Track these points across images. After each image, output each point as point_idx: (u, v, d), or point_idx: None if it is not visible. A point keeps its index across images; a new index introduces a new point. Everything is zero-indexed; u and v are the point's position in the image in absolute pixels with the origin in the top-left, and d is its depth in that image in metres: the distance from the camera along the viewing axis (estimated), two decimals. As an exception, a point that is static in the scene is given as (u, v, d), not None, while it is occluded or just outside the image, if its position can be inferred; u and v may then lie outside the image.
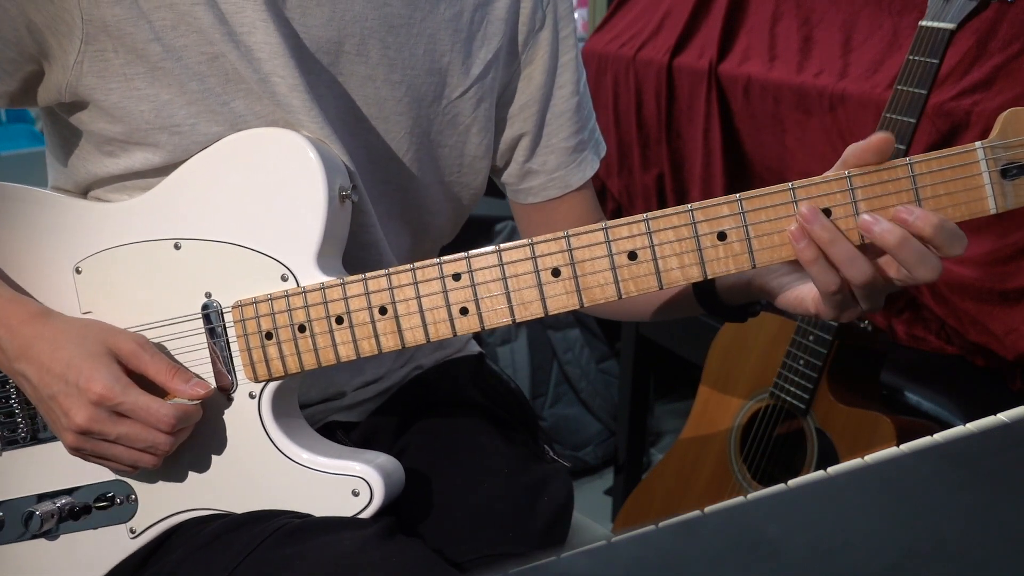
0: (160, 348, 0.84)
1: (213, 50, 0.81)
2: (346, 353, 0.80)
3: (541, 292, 0.77)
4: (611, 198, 2.24)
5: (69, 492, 0.87)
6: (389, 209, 0.96)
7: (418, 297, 0.78)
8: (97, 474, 0.87)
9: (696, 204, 0.75)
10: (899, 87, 1.23)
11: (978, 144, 0.72)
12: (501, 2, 0.97)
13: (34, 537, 0.87)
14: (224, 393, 0.83)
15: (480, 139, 0.99)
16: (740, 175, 1.85)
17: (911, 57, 1.22)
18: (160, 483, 0.86)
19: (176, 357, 0.84)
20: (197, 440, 0.84)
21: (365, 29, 0.87)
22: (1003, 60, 1.34)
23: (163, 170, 0.85)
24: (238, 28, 0.81)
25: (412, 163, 0.95)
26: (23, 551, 0.88)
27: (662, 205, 2.06)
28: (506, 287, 0.77)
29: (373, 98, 0.90)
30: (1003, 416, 0.48)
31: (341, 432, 0.99)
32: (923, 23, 1.22)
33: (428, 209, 1.00)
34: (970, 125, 1.35)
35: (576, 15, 3.31)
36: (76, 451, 0.80)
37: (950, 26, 1.19)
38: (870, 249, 0.74)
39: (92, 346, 0.79)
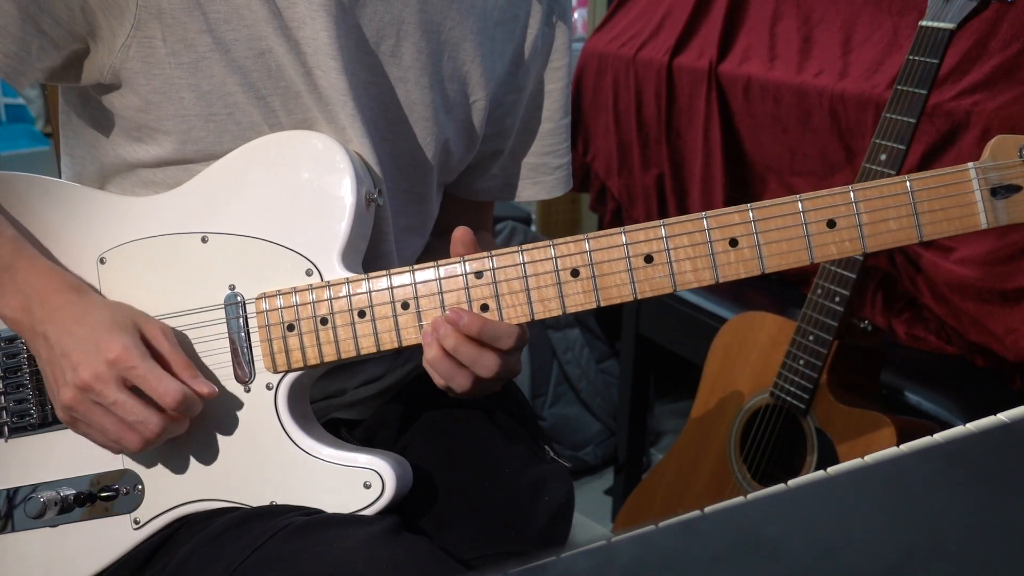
0: (185, 347, 0.85)
1: (261, 45, 0.83)
2: (366, 346, 0.83)
3: (560, 291, 0.80)
4: (611, 198, 2.24)
5: (74, 481, 0.88)
6: (410, 221, 0.97)
7: (440, 293, 0.81)
8: (103, 463, 0.87)
9: (709, 212, 0.78)
10: (899, 87, 1.23)
11: (970, 165, 0.77)
12: (518, 23, 0.99)
13: (38, 526, 0.88)
14: (242, 384, 0.84)
15: (476, 147, 1.01)
16: (740, 175, 1.85)
17: (911, 57, 1.22)
18: (169, 473, 0.86)
19: (197, 347, 0.86)
20: (210, 430, 0.85)
21: (402, 31, 0.89)
22: (1003, 60, 1.34)
23: (192, 159, 0.87)
24: (290, 22, 0.83)
25: (433, 171, 0.96)
26: (27, 540, 0.89)
27: (662, 205, 2.06)
28: (527, 285, 0.80)
29: (404, 101, 0.92)
30: (1003, 416, 0.48)
31: (344, 429, 1.00)
32: (923, 23, 1.22)
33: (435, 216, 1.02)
34: (970, 125, 1.35)
35: (576, 15, 3.32)
36: (68, 410, 0.80)
37: (950, 26, 1.19)
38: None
39: (120, 318, 0.81)
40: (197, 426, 0.84)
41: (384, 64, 0.89)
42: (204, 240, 0.86)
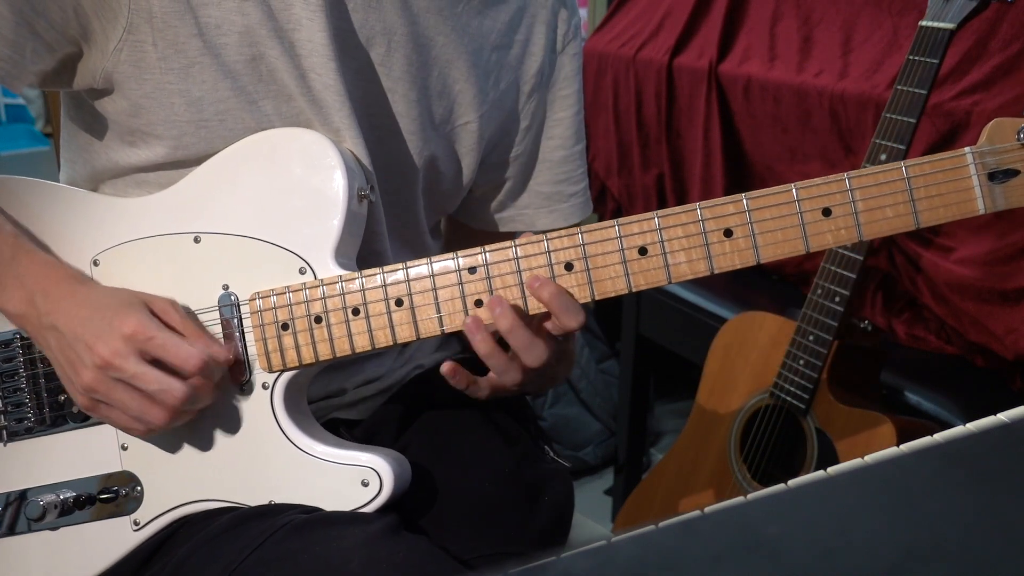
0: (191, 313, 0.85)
1: (253, 51, 0.83)
2: (361, 344, 0.82)
3: None
4: (611, 198, 2.24)
5: (73, 483, 0.88)
6: (392, 224, 0.97)
7: (434, 289, 0.81)
8: (102, 466, 0.87)
9: (704, 203, 0.78)
10: (899, 87, 1.23)
11: (967, 150, 0.76)
12: (515, 50, 0.99)
13: (38, 529, 0.88)
14: (237, 384, 0.84)
15: (470, 173, 1.01)
16: (740, 175, 1.85)
17: (911, 57, 1.22)
18: (167, 474, 0.86)
19: None
20: (207, 430, 0.85)
21: (392, 42, 0.89)
22: (1003, 60, 1.34)
23: (184, 163, 0.87)
24: (284, 24, 0.83)
25: (418, 182, 0.96)
26: (27, 543, 0.89)
27: (662, 205, 2.06)
28: (520, 280, 0.80)
29: (392, 111, 0.92)
30: (1003, 416, 0.48)
31: (344, 429, 1.00)
32: (923, 23, 1.22)
33: (428, 232, 1.02)
34: (970, 125, 1.35)
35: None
36: (89, 392, 0.80)
37: (950, 26, 1.19)
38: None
39: (127, 296, 0.82)
40: (195, 426, 0.84)
41: (373, 71, 0.89)
42: (197, 240, 0.85)
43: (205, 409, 0.83)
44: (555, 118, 1.05)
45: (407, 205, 0.98)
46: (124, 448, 0.87)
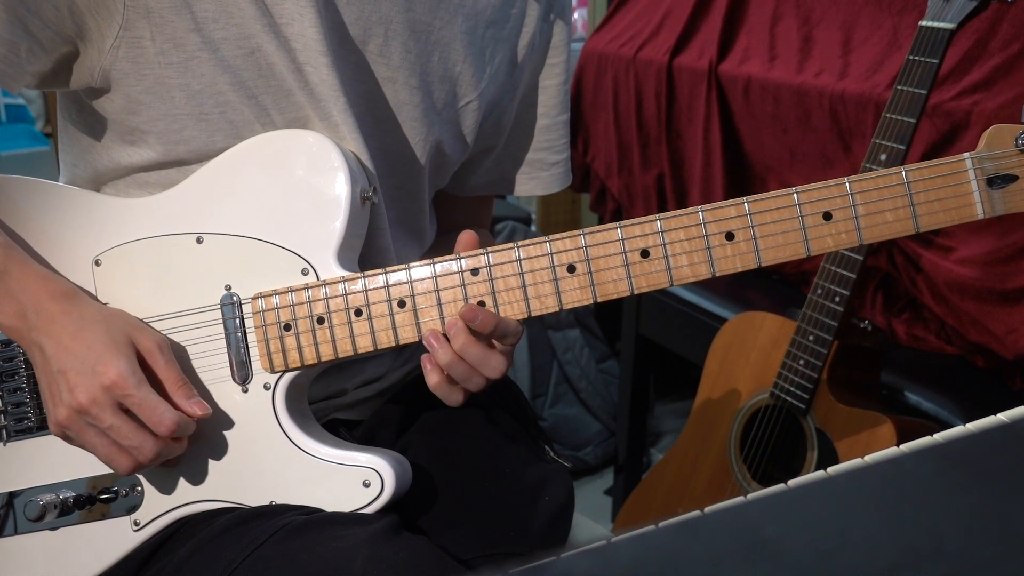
0: (181, 349, 0.85)
1: (250, 44, 0.83)
2: (364, 344, 0.83)
3: (557, 287, 0.80)
4: (611, 198, 2.24)
5: (73, 484, 0.88)
6: (399, 216, 0.97)
7: (437, 291, 0.81)
8: (103, 466, 0.87)
9: (705, 206, 0.78)
10: (899, 87, 1.23)
11: (966, 155, 0.77)
12: (511, 23, 0.99)
13: (38, 529, 0.88)
14: (239, 384, 0.84)
15: (472, 149, 1.01)
16: (740, 175, 1.85)
17: (911, 57, 1.22)
18: (168, 475, 0.86)
19: (193, 347, 0.86)
20: (209, 431, 0.85)
21: (389, 31, 0.89)
22: (1003, 60, 1.34)
23: (186, 160, 0.87)
24: (278, 19, 0.83)
25: (424, 171, 0.96)
26: (26, 543, 0.89)
27: (662, 205, 2.06)
28: (523, 282, 0.81)
29: (393, 100, 0.91)
30: (1003, 416, 0.48)
31: (344, 430, 1.00)
32: (923, 23, 1.22)
33: (433, 220, 1.02)
34: (970, 125, 1.35)
35: (576, 15, 3.31)
36: (62, 428, 0.80)
37: (950, 26, 1.19)
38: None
39: (116, 334, 0.80)
40: (196, 428, 0.84)
41: (371, 63, 0.89)
42: (199, 241, 0.86)
43: None
44: (541, 86, 1.06)
45: (413, 196, 0.98)
46: None
